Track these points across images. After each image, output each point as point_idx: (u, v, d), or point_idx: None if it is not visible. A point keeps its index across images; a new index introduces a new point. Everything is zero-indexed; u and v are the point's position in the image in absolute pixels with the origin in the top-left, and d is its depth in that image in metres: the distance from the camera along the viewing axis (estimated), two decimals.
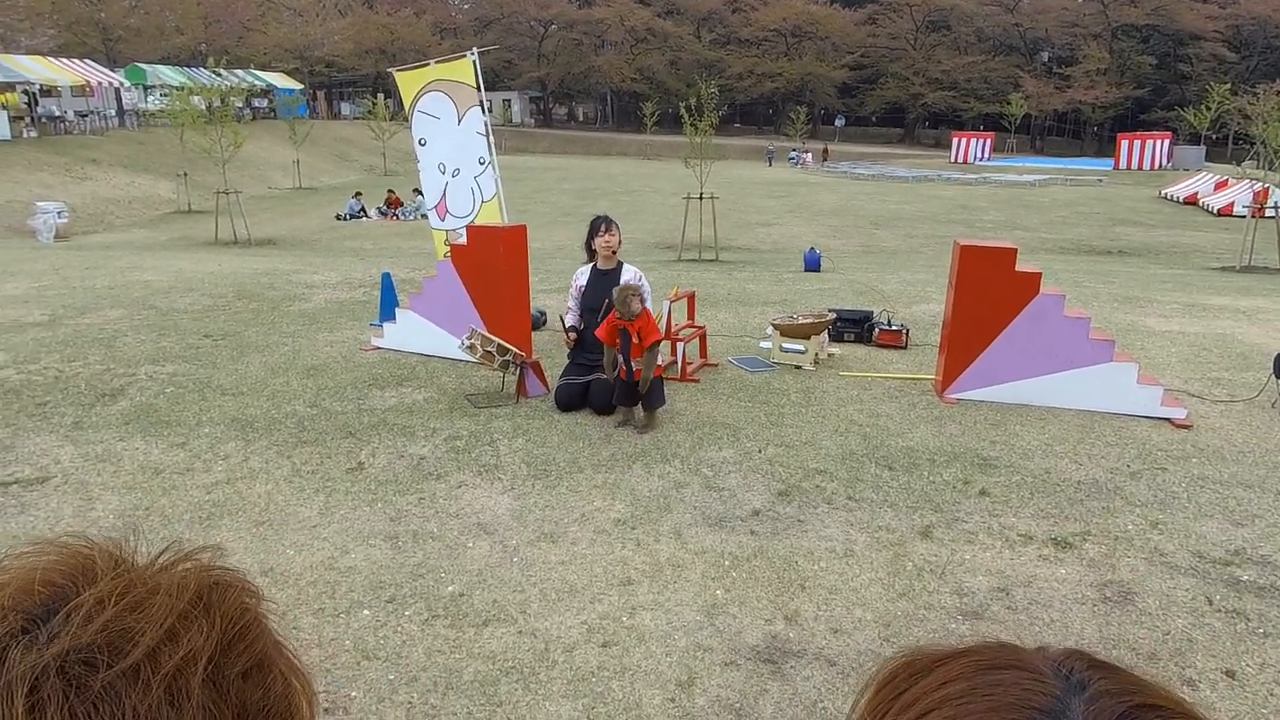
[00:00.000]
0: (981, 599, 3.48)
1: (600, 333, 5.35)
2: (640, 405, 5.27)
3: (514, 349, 5.70)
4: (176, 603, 0.44)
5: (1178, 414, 5.44)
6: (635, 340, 5.24)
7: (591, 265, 5.94)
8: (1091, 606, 3.44)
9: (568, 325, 5.88)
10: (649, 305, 5.46)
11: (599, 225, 5.87)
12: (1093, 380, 5.52)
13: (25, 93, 31.96)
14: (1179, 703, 0.41)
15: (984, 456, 4.88)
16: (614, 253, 5.82)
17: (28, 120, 29.41)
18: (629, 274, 5.74)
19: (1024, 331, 5.55)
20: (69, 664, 0.40)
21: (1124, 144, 40.41)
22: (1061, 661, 0.43)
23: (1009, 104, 48.59)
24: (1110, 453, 4.97)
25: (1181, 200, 27.32)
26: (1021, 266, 5.57)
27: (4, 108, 28.28)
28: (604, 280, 5.72)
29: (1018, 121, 49.61)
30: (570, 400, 5.54)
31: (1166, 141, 39.56)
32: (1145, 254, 17.60)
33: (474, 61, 7.68)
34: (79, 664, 0.40)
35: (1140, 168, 38.64)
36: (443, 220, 8.24)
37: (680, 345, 6.18)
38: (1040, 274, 5.55)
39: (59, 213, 19.94)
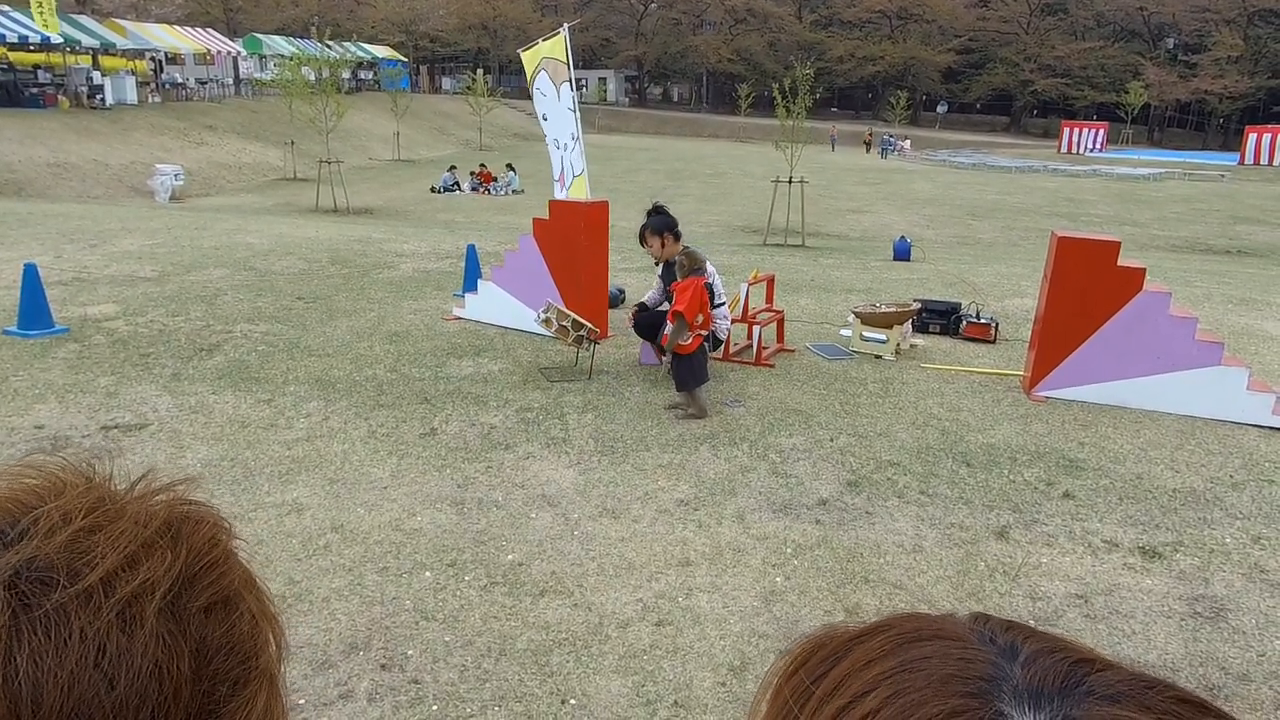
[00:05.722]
0: (1057, 605, 3.32)
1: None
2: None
3: (589, 325, 5.71)
4: (142, 530, 0.44)
5: None
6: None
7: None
8: (1179, 620, 3.24)
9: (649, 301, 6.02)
10: (715, 284, 5.43)
11: (641, 235, 5.89)
12: (1197, 384, 5.19)
13: (152, 60, 33.72)
14: (1101, 656, 0.38)
15: (1071, 458, 4.65)
16: (658, 261, 5.89)
17: (153, 86, 31.03)
18: None
19: (1123, 329, 5.25)
20: (22, 581, 0.40)
21: (1252, 137, 37.81)
22: (979, 628, 0.41)
23: (1127, 93, 45.97)
24: (1212, 461, 4.67)
25: None
26: (1125, 261, 5.27)
27: (133, 74, 29.91)
28: (669, 271, 5.77)
29: (1135, 112, 46.94)
30: (646, 329, 5.74)
31: None
32: (1269, 254, 16.47)
33: (565, 37, 7.70)
34: (33, 582, 0.40)
35: (1270, 163, 36.10)
36: (564, 191, 8.35)
37: (756, 329, 6.08)
38: (1144, 270, 5.24)
39: (176, 175, 21.01)
